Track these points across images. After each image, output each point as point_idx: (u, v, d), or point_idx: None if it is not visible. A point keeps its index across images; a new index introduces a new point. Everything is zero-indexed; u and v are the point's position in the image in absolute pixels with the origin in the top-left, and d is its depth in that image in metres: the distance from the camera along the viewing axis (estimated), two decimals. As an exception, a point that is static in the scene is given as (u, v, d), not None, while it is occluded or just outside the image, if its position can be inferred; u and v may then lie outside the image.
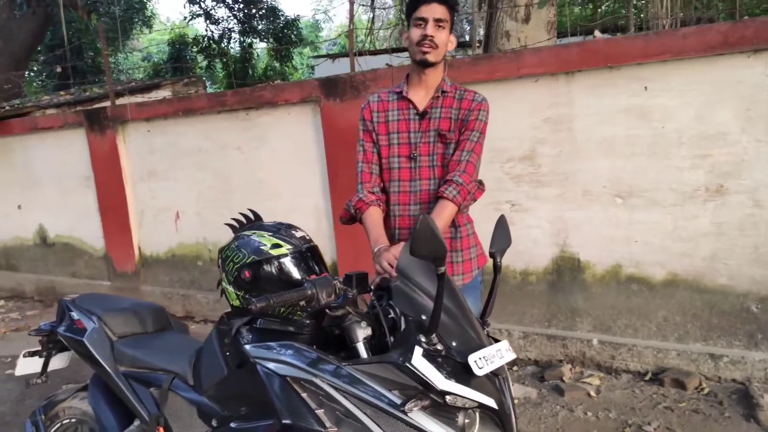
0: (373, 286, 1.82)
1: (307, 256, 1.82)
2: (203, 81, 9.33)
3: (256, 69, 16.00)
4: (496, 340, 1.62)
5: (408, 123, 2.29)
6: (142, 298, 5.07)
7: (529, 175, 3.84)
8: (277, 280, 1.76)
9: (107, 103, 6.31)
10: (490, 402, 1.51)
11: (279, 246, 1.78)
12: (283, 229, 1.86)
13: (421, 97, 2.29)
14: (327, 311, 1.65)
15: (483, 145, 2.25)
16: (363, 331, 1.66)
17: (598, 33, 3.93)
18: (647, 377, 3.57)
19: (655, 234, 3.55)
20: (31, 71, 15.06)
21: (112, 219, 6.02)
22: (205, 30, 15.27)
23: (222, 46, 15.16)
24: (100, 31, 6.32)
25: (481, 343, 1.57)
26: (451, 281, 1.65)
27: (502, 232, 1.87)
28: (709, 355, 3.46)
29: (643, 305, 3.65)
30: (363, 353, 1.63)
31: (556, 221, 3.81)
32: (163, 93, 7.95)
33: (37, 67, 15.31)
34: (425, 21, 2.16)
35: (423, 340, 1.50)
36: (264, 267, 1.76)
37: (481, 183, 2.26)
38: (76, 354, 2.45)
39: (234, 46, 15.78)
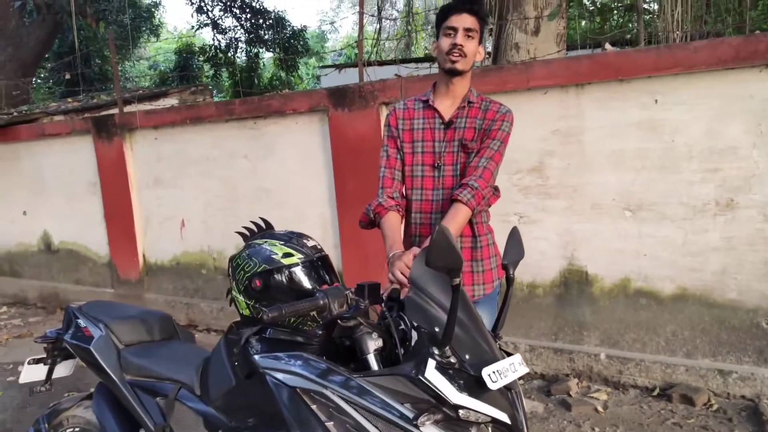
0: (384, 297, 1.80)
1: (319, 265, 1.80)
2: (210, 90, 9.36)
3: (262, 78, 16.07)
4: (509, 354, 1.60)
5: (433, 132, 2.30)
6: (145, 306, 5.05)
7: (537, 187, 3.83)
8: (288, 289, 1.74)
9: (114, 111, 6.33)
10: (504, 417, 1.48)
11: (290, 255, 1.76)
12: (294, 238, 1.85)
13: (446, 106, 2.30)
14: (338, 322, 1.63)
15: (503, 154, 2.26)
16: (374, 343, 1.63)
17: (608, 46, 3.92)
18: (655, 393, 3.53)
19: (664, 248, 3.52)
20: (39, 78, 15.14)
21: (117, 226, 6.01)
22: (212, 39, 15.37)
23: (228, 55, 15.23)
24: (109, 38, 6.34)
25: (495, 356, 1.55)
26: (464, 293, 1.64)
27: (515, 243, 1.85)
28: (717, 371, 3.42)
29: (651, 320, 3.62)
30: (374, 365, 1.61)
31: (564, 234, 3.79)
32: (170, 101, 7.97)
33: (45, 74, 15.39)
34: (455, 30, 2.18)
35: (436, 352, 1.48)
36: (275, 276, 1.74)
37: (496, 189, 2.28)
38: (80, 362, 2.43)
39: (240, 56, 15.87)
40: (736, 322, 3.41)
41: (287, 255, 1.76)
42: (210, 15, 15.03)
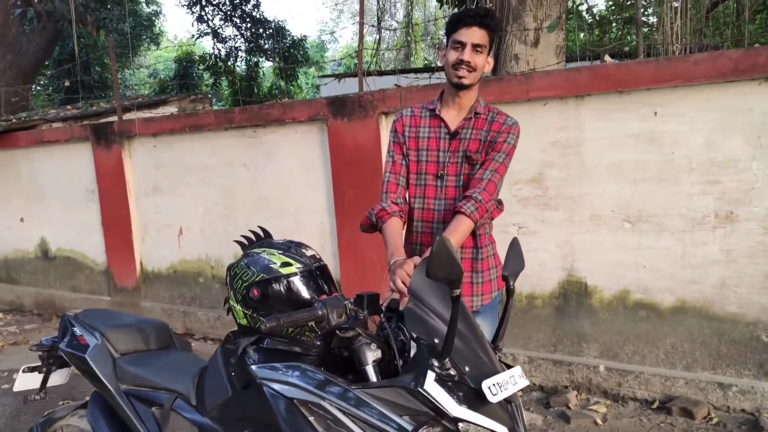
0: (383, 307, 1.78)
1: (317, 275, 1.79)
2: (209, 98, 9.37)
3: (261, 88, 16.11)
4: (509, 366, 1.58)
5: (438, 141, 2.29)
6: (142, 314, 5.02)
7: (536, 198, 3.82)
8: (287, 299, 1.72)
9: (114, 118, 6.33)
10: (504, 430, 1.46)
11: (289, 264, 1.75)
12: (293, 248, 1.83)
13: (452, 116, 2.29)
14: (337, 332, 1.62)
15: (508, 167, 2.25)
16: (373, 354, 1.62)
17: (608, 58, 3.93)
18: (655, 405, 3.51)
19: (663, 260, 3.52)
20: (38, 85, 15.15)
21: (114, 233, 5.99)
22: (212, 48, 15.42)
23: (228, 64, 15.27)
24: (110, 46, 6.35)
25: (495, 368, 1.54)
26: (464, 304, 1.62)
27: (515, 255, 1.84)
28: (717, 384, 3.40)
29: (650, 332, 3.60)
30: (372, 377, 1.59)
31: (563, 245, 3.79)
32: (169, 109, 7.97)
33: (44, 81, 15.41)
34: (463, 45, 2.15)
35: (436, 364, 1.46)
36: (273, 285, 1.72)
37: (500, 202, 2.26)
38: (76, 370, 2.41)
39: (240, 65, 15.91)
40: (736, 335, 3.39)
41: (286, 264, 1.75)
42: (210, 24, 15.10)
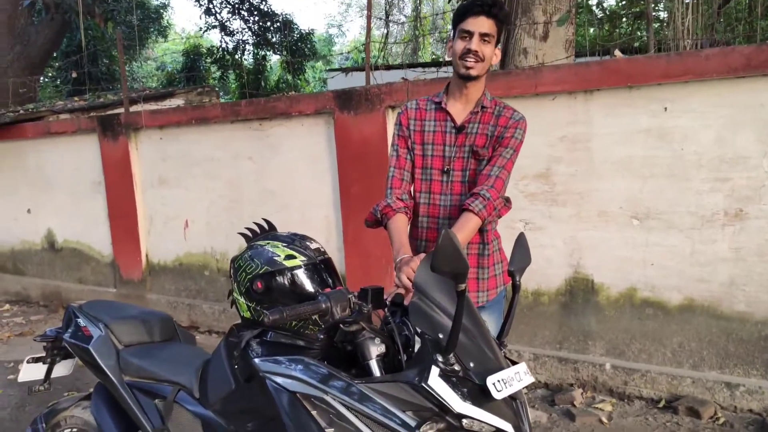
0: (388, 302, 1.77)
1: (321, 268, 1.78)
2: (216, 91, 9.36)
3: (268, 81, 16.10)
4: (514, 362, 1.56)
5: (444, 135, 2.24)
6: (147, 307, 5.02)
7: (543, 193, 3.79)
8: (290, 292, 1.71)
9: (121, 110, 6.33)
10: (508, 427, 1.45)
11: (293, 257, 1.74)
12: (297, 240, 1.82)
13: (459, 109, 2.24)
14: (340, 326, 1.60)
15: (515, 162, 2.21)
16: (377, 348, 1.60)
17: (618, 52, 3.89)
18: (661, 405, 3.48)
19: (671, 257, 3.48)
20: (46, 76, 15.20)
21: (120, 225, 6.00)
22: (220, 41, 15.41)
23: (236, 57, 15.26)
24: (118, 38, 6.34)
25: (500, 364, 1.52)
26: (469, 299, 1.60)
27: (522, 250, 1.82)
28: (725, 384, 3.37)
29: (657, 330, 3.57)
30: (376, 371, 1.58)
31: (570, 241, 3.76)
32: (176, 102, 7.96)
33: (52, 73, 15.45)
34: (470, 34, 2.10)
35: (440, 359, 1.44)
36: (277, 278, 1.71)
37: (508, 200, 2.23)
38: (80, 361, 2.41)
39: (248, 58, 15.90)
40: (744, 335, 3.36)
41: (290, 257, 1.74)
42: (218, 17, 15.09)
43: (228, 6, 15.04)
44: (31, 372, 2.55)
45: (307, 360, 1.61)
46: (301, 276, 1.73)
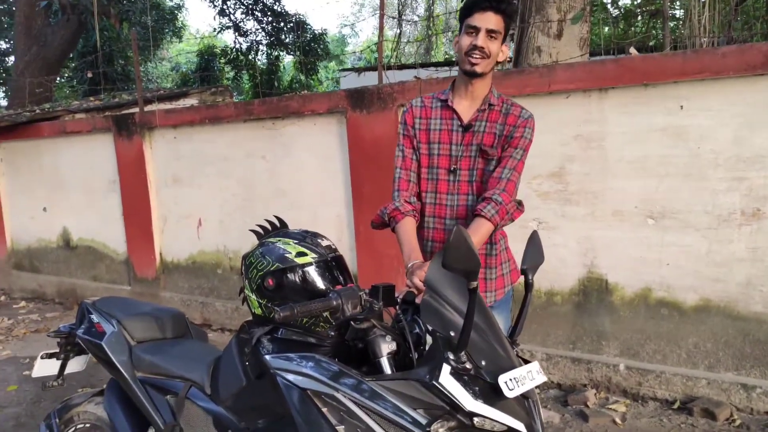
0: (399, 299, 1.76)
1: (333, 265, 1.77)
2: (230, 91, 9.40)
3: (282, 81, 16.15)
4: (526, 361, 1.55)
5: (450, 134, 2.20)
6: (161, 305, 5.06)
7: (557, 192, 3.76)
8: (301, 289, 1.71)
9: (135, 110, 6.38)
10: (520, 426, 1.43)
11: (304, 254, 1.73)
12: (308, 238, 1.82)
13: (465, 107, 2.19)
14: (351, 323, 1.59)
15: (525, 163, 2.16)
16: (388, 346, 1.59)
17: (633, 50, 3.85)
18: (675, 406, 3.44)
19: (687, 257, 3.44)
20: (62, 77, 15.36)
21: (135, 224, 6.05)
22: (234, 42, 15.49)
23: (249, 57, 15.33)
24: (133, 39, 6.39)
25: (512, 363, 1.50)
26: (481, 297, 1.59)
27: (535, 248, 1.80)
28: (741, 386, 3.32)
29: (672, 331, 3.53)
30: (387, 369, 1.57)
31: (583, 241, 3.72)
32: (190, 101, 8.01)
33: (68, 73, 15.61)
34: (477, 30, 2.06)
35: (451, 357, 1.43)
36: (288, 275, 1.71)
37: (520, 203, 2.17)
38: (93, 358, 2.42)
39: (261, 59, 15.96)
40: (761, 335, 3.31)
41: (301, 254, 1.73)
42: (232, 18, 15.17)
43: (242, 7, 15.12)
44: (45, 368, 2.57)
45: (318, 357, 1.61)
46: (312, 273, 1.72)
